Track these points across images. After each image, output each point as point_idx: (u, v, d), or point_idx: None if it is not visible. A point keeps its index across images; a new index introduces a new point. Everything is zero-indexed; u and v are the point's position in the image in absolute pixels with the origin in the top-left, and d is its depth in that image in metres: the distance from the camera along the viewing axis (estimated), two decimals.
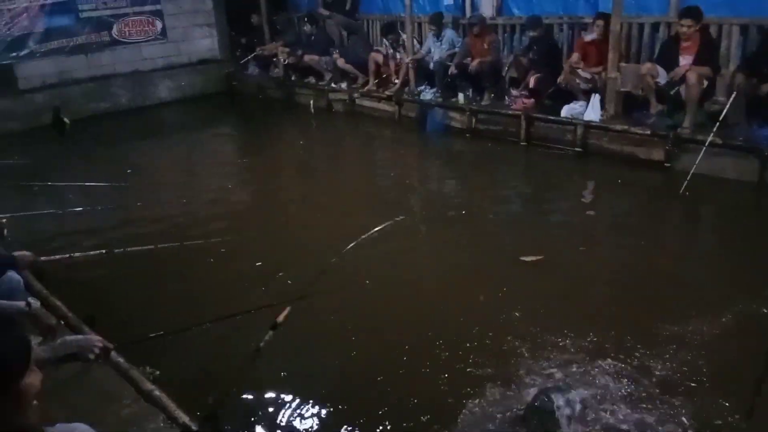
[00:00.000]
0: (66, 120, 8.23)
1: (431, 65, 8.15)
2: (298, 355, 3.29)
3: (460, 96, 7.77)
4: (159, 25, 10.51)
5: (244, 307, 3.44)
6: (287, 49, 10.14)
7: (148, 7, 10.31)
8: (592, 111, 6.48)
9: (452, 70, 7.80)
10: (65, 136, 8.20)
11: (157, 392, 2.59)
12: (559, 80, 6.87)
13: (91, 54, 9.92)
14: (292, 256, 4.56)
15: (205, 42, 11.17)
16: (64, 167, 7.24)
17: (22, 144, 8.23)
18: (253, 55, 10.93)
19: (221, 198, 6.05)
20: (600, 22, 6.61)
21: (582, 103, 6.67)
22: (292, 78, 10.20)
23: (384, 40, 9.00)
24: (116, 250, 4.14)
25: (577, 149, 6.54)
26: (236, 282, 4.16)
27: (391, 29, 8.87)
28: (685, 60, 5.93)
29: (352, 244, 4.34)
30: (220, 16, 11.19)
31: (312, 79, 9.91)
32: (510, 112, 7.15)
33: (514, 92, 7.45)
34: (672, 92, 6.02)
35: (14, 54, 9.22)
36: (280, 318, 1.53)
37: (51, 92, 9.35)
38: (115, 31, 10.06)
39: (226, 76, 11.26)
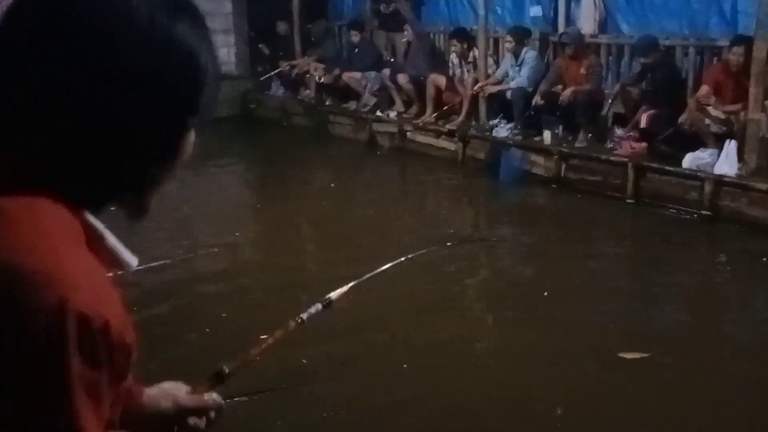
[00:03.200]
0: None
1: (508, 93, 8.31)
2: None
3: (546, 134, 7.89)
4: None
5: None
6: (322, 66, 10.42)
7: None
8: (725, 162, 6.53)
9: (537, 100, 7.96)
10: None
11: None
12: (681, 120, 6.95)
13: None
14: None
15: (220, 52, 11.51)
16: None
17: None
18: (278, 71, 11.29)
19: (225, 255, 6.13)
20: (738, 49, 6.69)
21: (712, 151, 6.75)
22: (327, 102, 10.45)
23: (450, 55, 9.17)
24: None
25: (704, 212, 6.53)
26: None
27: (460, 37, 9.03)
28: None
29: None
30: (240, 22, 11.66)
31: (352, 105, 10.09)
32: (613, 158, 7.25)
33: (619, 132, 7.56)
34: None
35: None
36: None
37: None
38: None
39: (243, 96, 11.61)
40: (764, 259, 5.72)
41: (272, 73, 11.43)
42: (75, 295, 0.85)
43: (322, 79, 10.35)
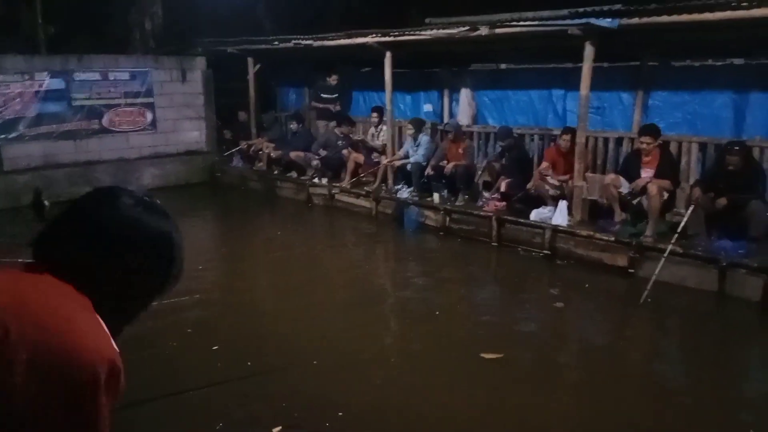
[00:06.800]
0: (45, 202, 8.37)
1: (409, 166, 8.50)
2: None
3: (436, 196, 8.04)
4: (149, 116, 10.90)
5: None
6: (272, 145, 10.54)
7: (140, 99, 10.73)
8: (559, 216, 6.74)
9: (429, 171, 8.15)
10: (44, 218, 8.28)
11: None
12: (529, 186, 7.20)
13: (79, 140, 10.19)
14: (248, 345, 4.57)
15: (193, 134, 11.56)
16: None
17: (1, 223, 8.26)
18: (238, 148, 11.32)
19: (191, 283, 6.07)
20: (567, 136, 7.04)
21: (550, 208, 6.95)
22: (275, 172, 10.51)
23: (369, 132, 9.51)
24: None
25: (545, 252, 6.73)
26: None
27: (378, 110, 9.39)
28: (646, 173, 6.31)
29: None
30: (209, 111, 11.66)
31: (294, 174, 10.21)
32: (482, 213, 7.40)
33: (486, 195, 7.75)
34: (634, 202, 6.36)
35: (3, 136, 9.44)
36: None
37: (34, 174, 9.52)
38: (105, 120, 10.39)
39: (210, 167, 11.56)
40: (587, 285, 6.01)
41: (234, 150, 11.42)
42: (108, 349, 1.02)
43: (273, 155, 10.43)
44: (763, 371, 4.52)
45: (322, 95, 10.60)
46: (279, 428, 1.62)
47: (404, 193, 8.46)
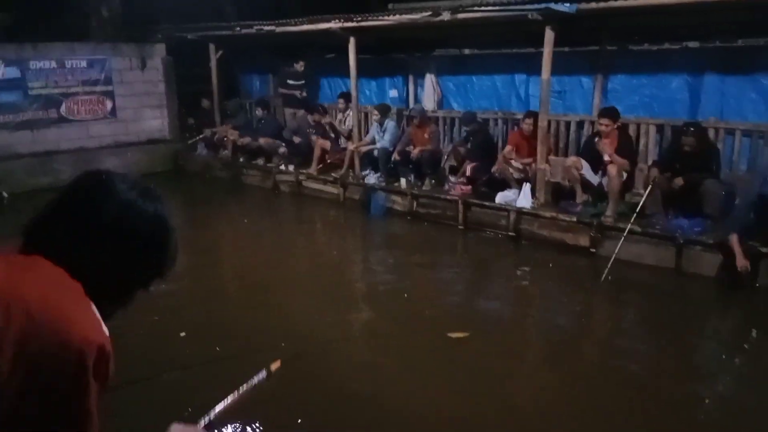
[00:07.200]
0: (4, 194, 8.14)
1: (375, 152, 8.52)
2: None
3: (402, 181, 8.10)
4: (109, 104, 10.67)
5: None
6: (237, 132, 10.43)
7: (99, 88, 10.49)
8: (524, 198, 6.85)
9: (395, 157, 8.18)
10: (2, 209, 8.07)
11: None
12: (493, 169, 7.30)
13: (37, 130, 9.92)
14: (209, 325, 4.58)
15: (155, 122, 11.36)
16: None
17: None
18: (202, 136, 11.17)
19: None
20: (529, 120, 7.15)
21: (515, 191, 7.06)
22: (241, 159, 10.42)
23: (336, 117, 9.48)
24: None
25: (510, 233, 6.85)
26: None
27: (344, 96, 9.35)
28: (607, 157, 6.45)
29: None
30: (171, 99, 11.46)
31: (260, 161, 10.13)
32: (448, 197, 7.48)
33: (452, 179, 7.83)
34: (596, 184, 6.52)
35: None
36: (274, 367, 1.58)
37: None
38: (63, 109, 10.13)
39: (174, 156, 11.39)
40: (551, 265, 6.13)
41: (198, 138, 11.27)
42: (97, 333, 1.02)
43: (239, 143, 10.31)
44: (717, 344, 4.71)
45: (288, 81, 10.50)
46: (278, 363, 1.66)
47: (371, 178, 8.48)
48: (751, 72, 6.40)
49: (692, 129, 5.95)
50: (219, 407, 1.45)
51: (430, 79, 8.99)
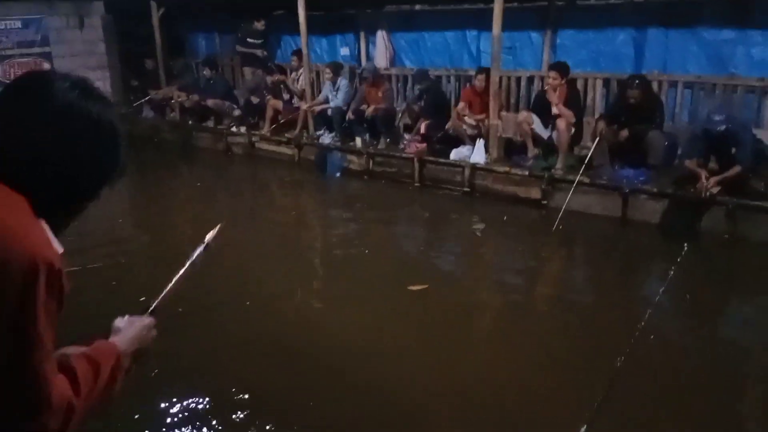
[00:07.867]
0: None
1: (329, 111, 8.44)
2: None
3: (357, 140, 8.09)
4: (47, 66, 10.19)
5: None
6: (183, 93, 10.15)
7: (36, 49, 10.02)
8: (477, 154, 6.97)
9: (349, 115, 8.15)
10: None
11: None
12: (447, 126, 7.38)
13: None
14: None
15: (97, 84, 10.85)
16: None
17: None
18: (148, 98, 10.83)
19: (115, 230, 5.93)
20: (481, 76, 7.21)
21: (469, 147, 7.15)
22: (190, 122, 10.17)
23: (289, 77, 9.33)
24: None
25: (465, 189, 6.97)
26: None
27: (296, 54, 9.13)
28: (555, 109, 6.61)
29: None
30: (113, 60, 11.05)
31: (210, 123, 9.92)
32: (404, 155, 7.55)
33: (407, 137, 7.88)
34: (546, 138, 6.70)
35: None
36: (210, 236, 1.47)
37: None
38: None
39: (119, 119, 11.00)
40: (504, 217, 6.29)
41: (143, 100, 10.91)
42: (43, 249, 0.96)
43: (186, 104, 10.05)
44: (660, 286, 4.98)
45: (248, 40, 10.09)
46: (216, 229, 1.48)
47: (326, 138, 8.44)
48: (693, 25, 6.62)
49: (637, 82, 6.14)
50: (163, 293, 1.42)
51: (381, 35, 8.92)
